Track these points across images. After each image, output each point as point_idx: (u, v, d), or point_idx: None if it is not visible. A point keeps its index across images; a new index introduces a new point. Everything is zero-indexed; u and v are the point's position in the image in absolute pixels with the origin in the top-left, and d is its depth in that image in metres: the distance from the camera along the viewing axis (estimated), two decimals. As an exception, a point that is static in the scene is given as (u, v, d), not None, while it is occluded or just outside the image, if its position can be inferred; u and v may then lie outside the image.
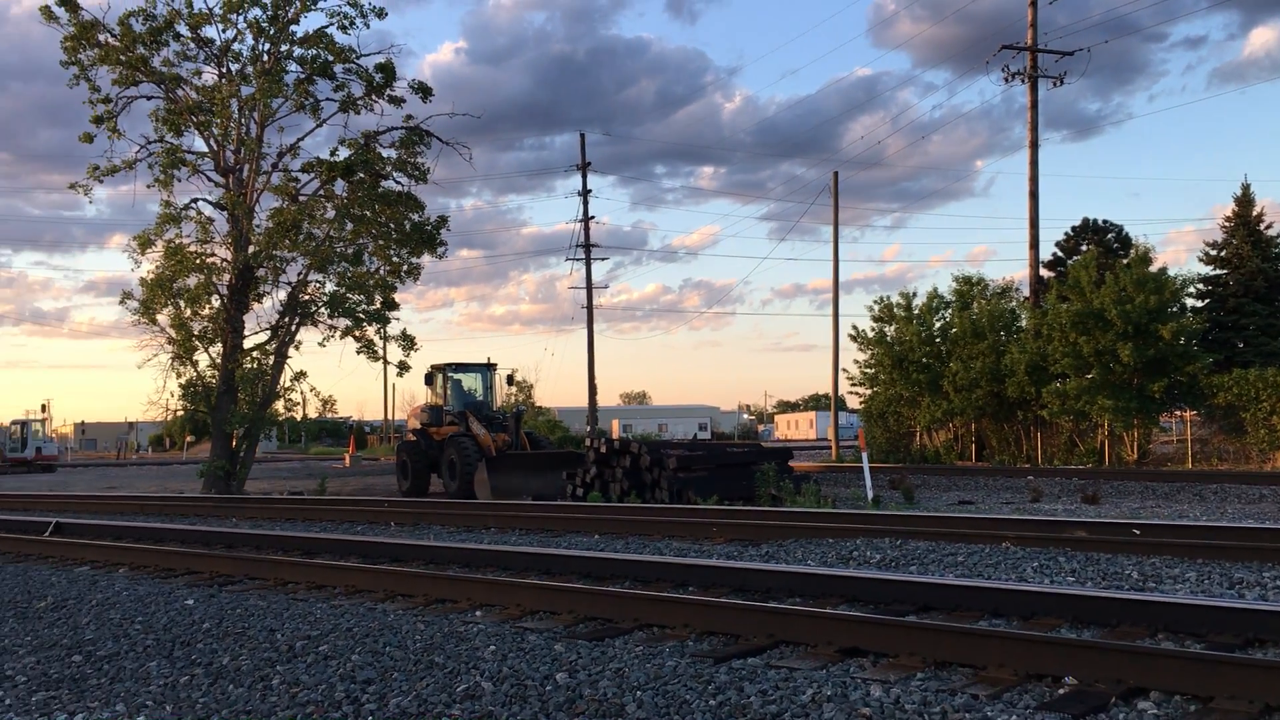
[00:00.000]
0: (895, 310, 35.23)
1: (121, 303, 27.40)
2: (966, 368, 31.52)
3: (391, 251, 28.16)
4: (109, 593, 9.23)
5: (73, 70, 26.80)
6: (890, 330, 35.27)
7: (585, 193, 46.46)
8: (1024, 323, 32.62)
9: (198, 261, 26.49)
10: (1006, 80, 34.57)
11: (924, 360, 33.70)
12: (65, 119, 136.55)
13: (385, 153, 27.88)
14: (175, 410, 28.19)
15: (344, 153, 27.58)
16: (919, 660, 5.67)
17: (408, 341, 28.07)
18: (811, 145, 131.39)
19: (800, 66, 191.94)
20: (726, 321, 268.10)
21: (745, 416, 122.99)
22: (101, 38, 26.58)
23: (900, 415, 35.46)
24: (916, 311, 34.73)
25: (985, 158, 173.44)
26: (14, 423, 56.89)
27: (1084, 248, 40.60)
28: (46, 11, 26.39)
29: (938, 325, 34.48)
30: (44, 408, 61.36)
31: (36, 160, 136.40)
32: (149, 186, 27.11)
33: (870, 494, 18.96)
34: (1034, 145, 33.79)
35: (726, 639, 6.46)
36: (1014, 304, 34.07)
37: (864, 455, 20.91)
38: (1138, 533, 10.75)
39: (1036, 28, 34.19)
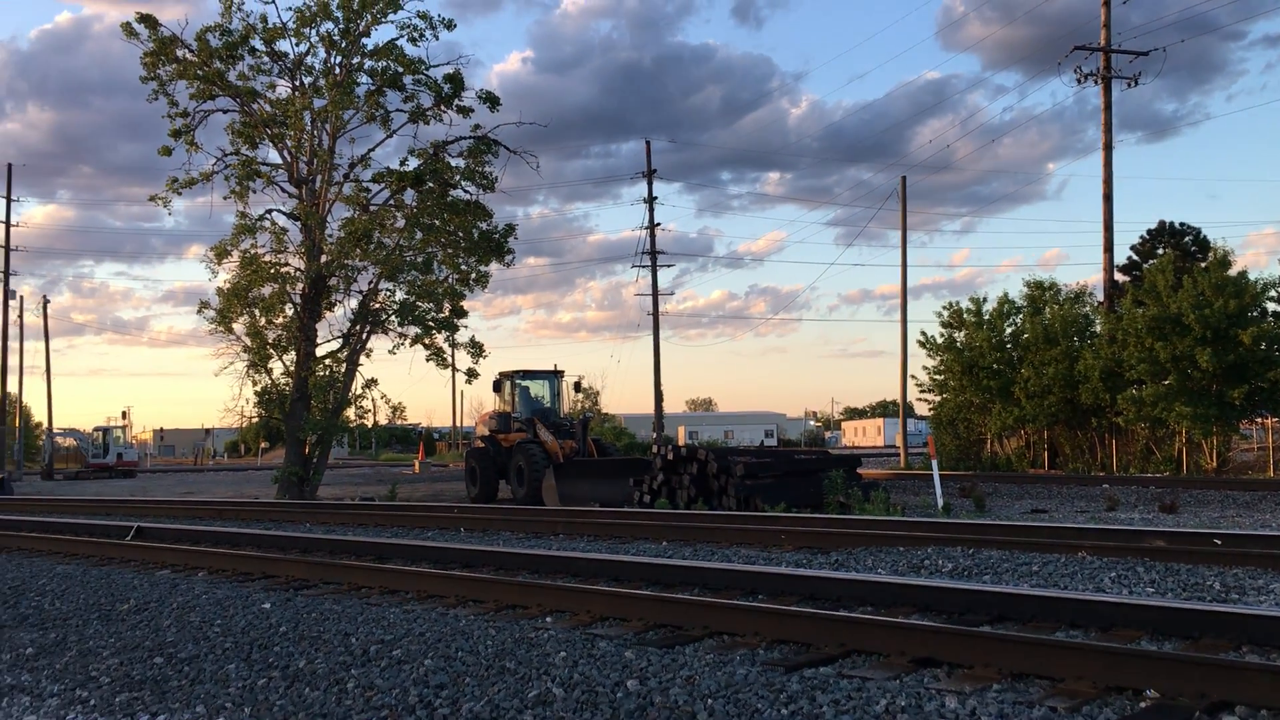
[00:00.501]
0: (965, 316, 34.77)
1: (199, 312, 28.05)
2: (1039, 374, 31.02)
3: (460, 260, 28.44)
4: (189, 596, 9.43)
5: (152, 85, 27.50)
6: (960, 336, 34.81)
7: (651, 200, 46.58)
8: (1098, 328, 32.01)
9: (272, 271, 27.00)
10: (1079, 81, 33.99)
11: (995, 366, 33.21)
12: (145, 133, 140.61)
13: (454, 162, 28.18)
14: (250, 417, 28.73)
15: (413, 163, 27.97)
16: (995, 671, 5.59)
17: (476, 349, 28.34)
18: (879, 150, 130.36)
19: (867, 71, 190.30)
20: (793, 328, 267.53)
21: (812, 423, 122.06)
22: (180, 53, 27.23)
23: (970, 422, 34.98)
24: (987, 317, 34.25)
25: (1057, 160, 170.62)
26: (96, 429, 58.52)
27: (1160, 251, 39.76)
28: (128, 28, 27.11)
29: (1009, 331, 33.96)
30: (124, 414, 63.01)
31: (117, 173, 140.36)
32: (225, 198, 27.75)
33: (941, 502, 18.74)
34: (1108, 147, 33.19)
35: (797, 648, 6.42)
36: (1088, 309, 33.46)
37: (934, 463, 20.66)
38: (1219, 543, 10.49)
39: (1110, 28, 33.58)
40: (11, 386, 53.65)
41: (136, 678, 6.79)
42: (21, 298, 57.65)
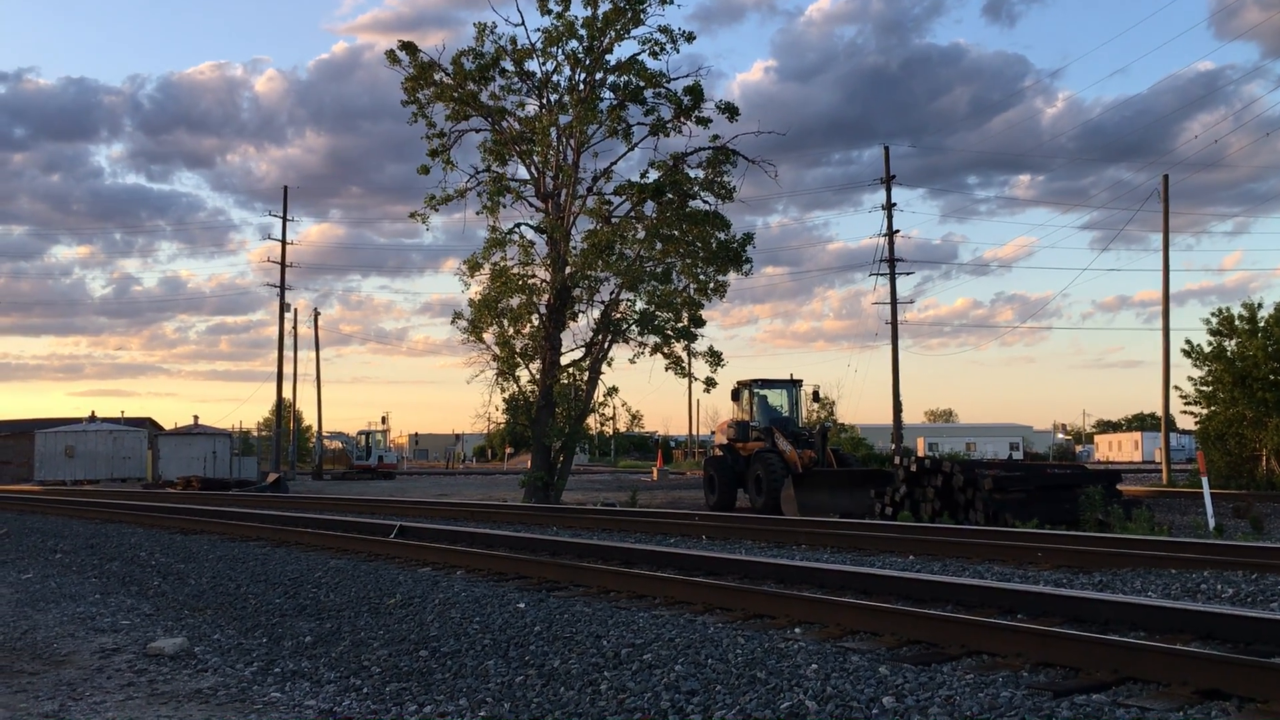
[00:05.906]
0: (1237, 322, 32.32)
1: (453, 322, 29.45)
2: (1324, 385, 28.44)
3: (698, 270, 28.68)
4: (449, 593, 9.86)
5: (412, 108, 29.17)
6: (1231, 344, 32.38)
7: (889, 206, 45.62)
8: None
9: (520, 283, 28.03)
10: (1371, 65, 30.99)
11: (1271, 377, 30.68)
12: (407, 154, 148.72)
13: (693, 173, 28.50)
14: (498, 423, 29.93)
15: (654, 175, 28.46)
16: (1293, 709, 5.11)
17: (714, 358, 28.50)
18: (1140, 148, 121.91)
19: (1129, 63, 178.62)
20: (1041, 336, 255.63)
21: (1061, 436, 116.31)
22: (437, 77, 28.76)
23: (1242, 437, 32.38)
24: (1262, 324, 31.71)
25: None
26: (360, 433, 62.54)
27: None
28: (391, 55, 28.87)
29: (1289, 339, 31.32)
30: (384, 420, 66.90)
31: (382, 193, 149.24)
32: (478, 213, 29.04)
33: (1212, 522, 17.44)
34: (1406, 136, 30.09)
35: (1065, 671, 6.08)
36: (1383, 314, 30.43)
37: (1204, 480, 19.26)
38: None
39: None
40: (286, 393, 57.98)
41: (404, 669, 7.16)
42: (295, 310, 62.18)
